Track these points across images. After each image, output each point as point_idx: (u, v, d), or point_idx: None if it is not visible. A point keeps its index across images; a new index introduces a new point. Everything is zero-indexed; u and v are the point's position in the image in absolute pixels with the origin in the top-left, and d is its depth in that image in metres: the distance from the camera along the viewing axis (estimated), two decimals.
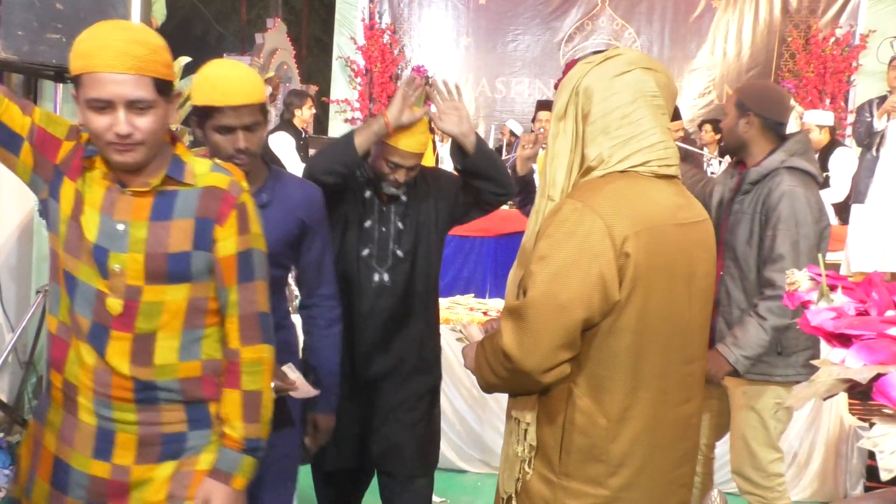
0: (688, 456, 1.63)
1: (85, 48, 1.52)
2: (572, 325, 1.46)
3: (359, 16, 9.00)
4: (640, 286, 1.47)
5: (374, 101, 8.92)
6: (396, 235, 2.55)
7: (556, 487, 1.54)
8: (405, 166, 2.47)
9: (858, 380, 1.27)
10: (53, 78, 3.98)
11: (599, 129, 1.55)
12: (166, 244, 1.61)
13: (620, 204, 1.48)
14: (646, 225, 1.47)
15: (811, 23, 8.45)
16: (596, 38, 8.84)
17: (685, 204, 1.58)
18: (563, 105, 1.60)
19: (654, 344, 1.50)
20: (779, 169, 2.57)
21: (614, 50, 1.62)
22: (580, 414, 1.51)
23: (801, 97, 8.24)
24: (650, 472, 1.54)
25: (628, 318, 1.48)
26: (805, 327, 1.56)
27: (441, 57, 9.15)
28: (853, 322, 1.42)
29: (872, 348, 1.29)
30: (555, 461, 1.54)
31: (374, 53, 8.90)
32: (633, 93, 1.54)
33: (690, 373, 1.58)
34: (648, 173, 1.54)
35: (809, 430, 3.97)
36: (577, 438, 1.52)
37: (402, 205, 2.56)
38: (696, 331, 1.59)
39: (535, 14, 8.97)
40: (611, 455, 1.51)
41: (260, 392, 1.70)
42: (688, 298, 1.55)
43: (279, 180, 2.20)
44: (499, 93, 9.14)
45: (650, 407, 1.52)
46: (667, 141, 1.56)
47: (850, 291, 1.49)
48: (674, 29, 8.79)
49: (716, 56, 8.75)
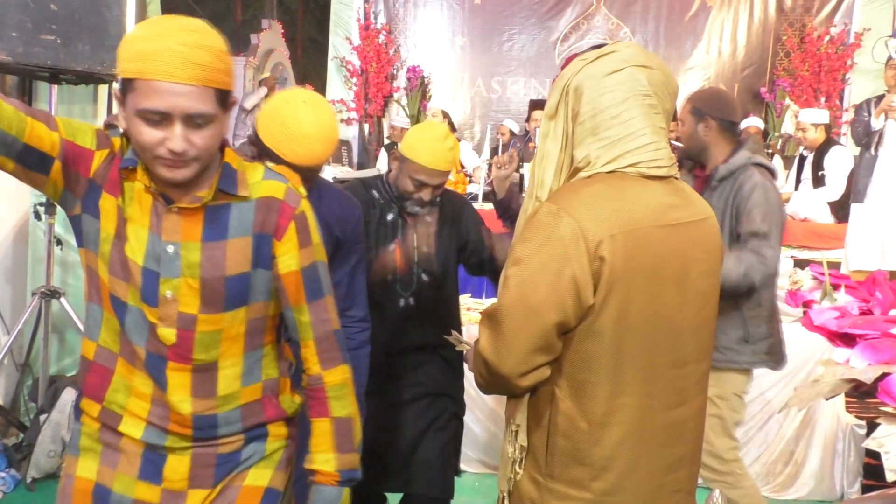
0: (683, 461, 1.58)
1: (142, 49, 1.32)
2: (546, 329, 1.44)
3: (354, 16, 8.97)
4: (617, 289, 1.44)
5: (370, 101, 8.90)
6: (421, 258, 2.49)
7: (542, 489, 1.53)
8: (431, 185, 2.40)
9: (863, 380, 1.25)
10: (48, 79, 3.96)
11: (588, 129, 1.51)
12: (223, 266, 1.45)
13: (598, 207, 1.45)
14: (625, 227, 1.44)
15: (806, 21, 8.45)
16: (591, 38, 8.82)
17: (680, 203, 1.54)
18: (555, 104, 1.57)
19: (636, 348, 1.47)
20: (747, 164, 2.75)
21: (611, 46, 1.58)
22: (562, 417, 1.49)
23: (797, 96, 8.25)
24: (636, 477, 1.51)
25: (605, 321, 1.45)
26: (808, 327, 1.55)
27: (436, 57, 9.13)
28: (857, 321, 1.41)
29: (877, 348, 1.29)
30: (542, 462, 1.53)
31: (370, 54, 8.88)
32: (624, 92, 1.50)
33: (682, 376, 1.54)
34: (636, 174, 1.50)
35: (806, 428, 3.97)
36: (560, 441, 1.50)
37: (425, 226, 2.50)
38: (690, 333, 1.54)
39: (531, 13, 8.96)
40: (593, 458, 1.49)
41: (350, 418, 1.59)
42: (679, 301, 1.51)
43: (320, 193, 2.10)
44: (494, 92, 9.12)
45: (634, 411, 1.49)
46: (658, 141, 1.52)
47: (854, 291, 1.48)
48: (669, 28, 8.79)
49: (711, 55, 8.75)
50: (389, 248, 2.46)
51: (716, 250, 1.60)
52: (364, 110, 8.91)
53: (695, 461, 1.62)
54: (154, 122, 1.33)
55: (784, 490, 3.99)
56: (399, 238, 2.47)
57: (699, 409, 1.61)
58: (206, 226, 1.45)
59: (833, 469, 3.93)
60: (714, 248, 1.60)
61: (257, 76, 9.50)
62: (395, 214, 2.47)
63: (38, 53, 3.59)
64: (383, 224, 2.47)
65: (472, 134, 9.02)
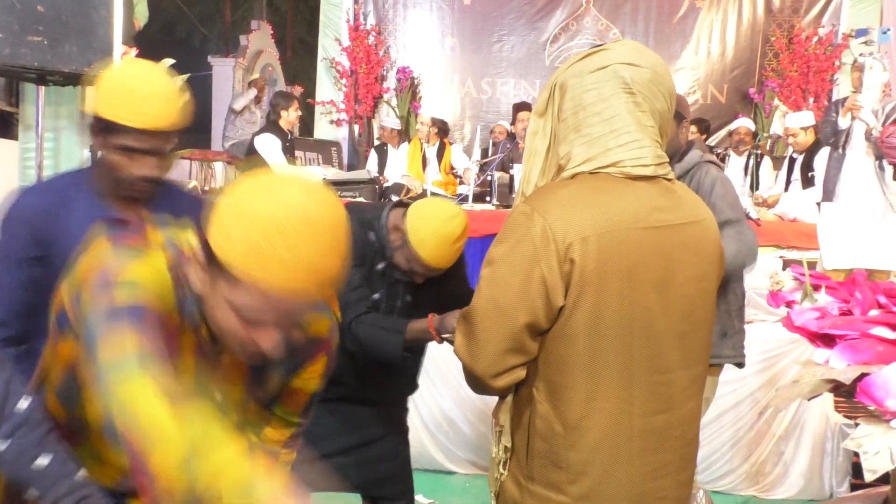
0: (668, 468, 1.55)
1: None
2: (516, 330, 1.44)
3: (343, 17, 8.97)
4: (589, 292, 1.42)
5: (360, 102, 8.90)
6: (404, 310, 2.39)
7: (524, 490, 1.52)
8: (427, 275, 2.30)
9: (842, 380, 1.26)
10: (35, 81, 3.95)
11: (571, 126, 1.50)
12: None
13: (571, 208, 1.43)
14: (599, 230, 1.42)
15: (794, 22, 8.49)
16: (581, 39, 8.84)
17: (667, 206, 1.50)
18: (544, 102, 1.55)
19: (611, 351, 1.45)
20: (701, 162, 2.88)
21: (605, 45, 1.56)
22: (540, 419, 1.48)
23: (785, 96, 8.29)
24: (614, 482, 1.49)
25: (577, 324, 1.44)
26: (789, 327, 1.56)
27: (426, 58, 9.13)
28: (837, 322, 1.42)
29: (856, 348, 1.29)
30: (523, 464, 1.53)
31: (360, 55, 8.87)
32: (608, 89, 1.47)
33: (665, 382, 1.50)
34: (620, 175, 1.47)
35: (795, 428, 3.99)
36: (538, 443, 1.49)
37: (411, 282, 2.37)
38: (674, 339, 1.50)
39: (521, 14, 8.97)
40: (570, 462, 1.47)
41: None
42: (661, 305, 1.47)
43: (169, 195, 1.93)
44: (484, 93, 9.13)
45: (610, 416, 1.47)
46: (643, 139, 1.48)
47: (834, 291, 1.50)
48: (658, 29, 8.81)
49: (700, 56, 8.78)
50: (374, 296, 2.36)
51: (710, 254, 1.56)
52: (354, 111, 8.91)
53: (683, 469, 1.58)
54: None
55: (773, 490, 4.01)
56: (384, 288, 2.36)
57: (688, 416, 1.57)
58: (251, 370, 1.42)
59: (822, 468, 3.96)
60: (708, 251, 1.55)
61: (246, 77, 9.50)
62: (385, 265, 2.33)
63: (24, 55, 3.58)
64: (371, 270, 2.33)
65: (462, 135, 9.02)
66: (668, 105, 1.53)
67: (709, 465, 4.05)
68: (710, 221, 1.59)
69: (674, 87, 1.55)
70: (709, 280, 1.55)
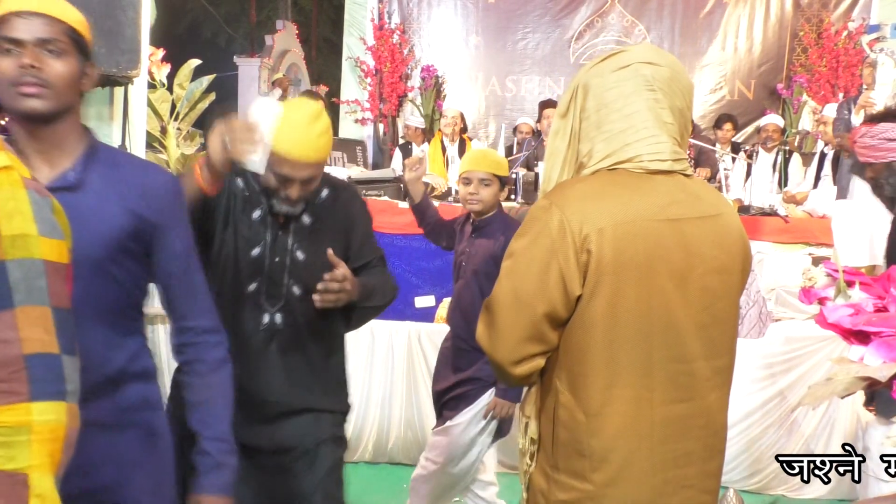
0: (691, 458, 1.57)
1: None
2: (535, 320, 1.50)
3: (368, 16, 8.99)
4: (606, 282, 1.47)
5: (384, 101, 8.91)
6: (293, 267, 2.09)
7: (550, 480, 1.56)
8: (297, 179, 2.00)
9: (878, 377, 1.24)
10: None
11: (594, 123, 1.56)
12: None
13: (589, 201, 1.49)
14: (615, 221, 1.47)
15: (823, 16, 8.37)
16: (606, 36, 8.80)
17: (684, 199, 1.54)
18: (566, 102, 1.62)
19: (630, 340, 1.49)
20: None
21: (625, 47, 1.62)
22: (562, 409, 1.53)
23: (814, 92, 8.18)
24: (636, 469, 1.52)
25: (595, 312, 1.48)
26: (822, 324, 1.54)
27: (450, 56, 9.13)
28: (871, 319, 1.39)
29: (892, 345, 1.27)
30: (549, 454, 1.57)
31: (384, 53, 8.89)
32: (629, 87, 1.53)
33: (687, 372, 1.53)
34: (638, 170, 1.53)
35: (825, 426, 3.94)
36: (562, 432, 1.54)
37: (303, 229, 2.10)
38: (694, 330, 1.53)
39: (545, 12, 8.93)
40: (592, 450, 1.51)
41: (16, 474, 1.13)
42: (680, 297, 1.51)
43: (103, 157, 1.66)
44: (509, 91, 9.11)
45: (629, 403, 1.50)
46: (660, 135, 1.53)
47: (868, 287, 1.47)
48: (684, 25, 8.74)
49: (727, 52, 8.69)
50: (253, 252, 2.07)
51: (732, 247, 1.58)
52: (378, 110, 8.92)
53: (708, 459, 1.60)
54: None
55: (802, 489, 3.97)
56: (266, 240, 2.07)
57: (713, 406, 1.59)
58: None
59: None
60: (729, 244, 1.57)
61: (272, 77, 9.54)
62: (262, 212, 2.07)
63: None
64: (246, 223, 2.06)
65: (486, 133, 9.00)
66: (686, 103, 1.58)
67: (738, 463, 4.01)
68: (732, 216, 1.62)
69: (692, 86, 1.61)
70: (731, 273, 1.58)
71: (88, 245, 1.53)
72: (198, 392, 1.76)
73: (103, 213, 1.60)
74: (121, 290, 1.65)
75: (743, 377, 4.02)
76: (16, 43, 1.54)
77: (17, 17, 1.54)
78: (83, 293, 1.46)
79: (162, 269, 1.70)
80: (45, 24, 1.56)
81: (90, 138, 1.67)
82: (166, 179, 1.73)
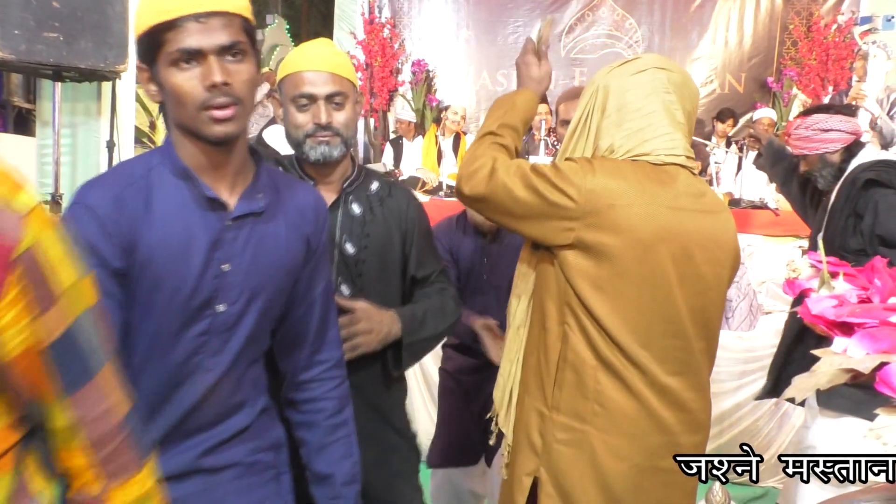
0: (682, 426, 1.67)
1: None
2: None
3: (358, 10, 8.96)
4: (610, 252, 1.59)
5: (375, 95, 8.89)
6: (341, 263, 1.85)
7: (546, 419, 1.67)
8: (321, 95, 1.78)
9: (861, 369, 1.25)
10: (52, 77, 3.98)
11: (614, 122, 1.69)
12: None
13: (612, 178, 1.62)
14: (632, 200, 1.60)
15: (813, 10, 8.38)
16: (597, 30, 8.79)
17: (691, 193, 1.68)
18: (584, 104, 1.74)
19: (632, 310, 1.61)
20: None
21: (636, 56, 1.79)
22: (572, 352, 1.64)
23: (804, 85, 8.19)
24: (632, 424, 1.63)
25: (602, 275, 1.60)
26: (806, 316, 1.55)
27: (441, 50, 9.11)
28: (855, 310, 1.40)
29: (875, 337, 1.27)
30: (548, 395, 1.67)
31: (375, 48, 8.86)
32: (647, 89, 1.68)
33: (681, 347, 1.66)
34: (658, 161, 1.66)
35: None
36: (568, 374, 1.64)
37: (352, 219, 1.86)
38: (688, 311, 1.65)
39: (536, 6, 8.92)
40: (597, 394, 1.63)
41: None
42: (677, 277, 1.63)
43: (274, 176, 1.49)
44: (500, 85, 9.09)
45: (629, 368, 1.63)
46: (674, 133, 1.69)
47: (853, 278, 1.48)
48: (675, 19, 8.73)
49: (717, 45, 8.69)
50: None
51: (725, 244, 1.71)
52: (369, 105, 8.91)
53: (696, 430, 1.71)
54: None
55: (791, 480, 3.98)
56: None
57: (704, 382, 1.73)
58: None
59: None
60: (723, 241, 1.71)
61: (260, 70, 9.52)
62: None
63: (41, 51, 3.61)
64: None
65: (478, 127, 8.98)
66: (693, 106, 1.76)
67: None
68: (729, 218, 1.76)
69: (698, 92, 1.81)
70: (722, 267, 1.72)
71: (268, 277, 1.36)
72: (325, 435, 1.57)
73: (285, 241, 1.42)
74: (273, 322, 1.48)
75: (733, 370, 4.03)
76: (197, 55, 1.29)
77: (195, 22, 1.28)
78: (255, 329, 1.34)
79: (305, 296, 1.51)
80: (224, 23, 1.31)
81: (254, 152, 1.45)
82: (318, 197, 1.54)
